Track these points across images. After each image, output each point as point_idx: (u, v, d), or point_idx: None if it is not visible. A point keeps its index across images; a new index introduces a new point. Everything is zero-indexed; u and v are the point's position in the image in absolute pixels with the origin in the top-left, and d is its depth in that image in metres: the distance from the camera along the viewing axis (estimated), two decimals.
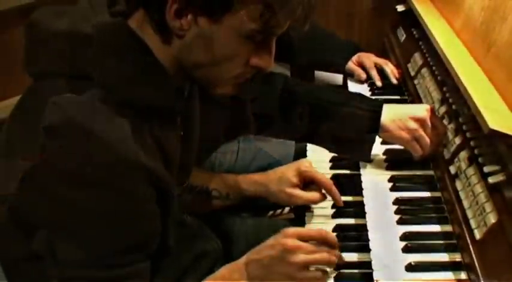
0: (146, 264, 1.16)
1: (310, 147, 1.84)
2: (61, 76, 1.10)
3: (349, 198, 1.62)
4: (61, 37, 1.10)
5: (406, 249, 1.36)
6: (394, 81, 2.17)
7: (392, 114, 1.61)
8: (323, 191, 1.58)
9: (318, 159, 1.79)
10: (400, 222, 1.45)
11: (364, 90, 2.14)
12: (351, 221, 1.56)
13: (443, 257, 1.35)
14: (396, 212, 1.48)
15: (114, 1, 1.20)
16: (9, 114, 1.18)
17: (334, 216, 1.58)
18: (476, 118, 1.35)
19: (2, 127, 1.20)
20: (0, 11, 2.28)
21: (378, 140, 1.67)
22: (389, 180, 1.61)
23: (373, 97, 2.00)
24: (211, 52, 1.12)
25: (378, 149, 1.71)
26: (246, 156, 2.00)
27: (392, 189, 1.58)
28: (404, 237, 1.39)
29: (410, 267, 1.31)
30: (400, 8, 2.37)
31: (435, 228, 1.44)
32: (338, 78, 2.34)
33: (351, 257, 1.41)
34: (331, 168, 1.77)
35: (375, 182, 1.61)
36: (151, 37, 1.13)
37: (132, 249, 1.12)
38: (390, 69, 2.19)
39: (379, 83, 2.17)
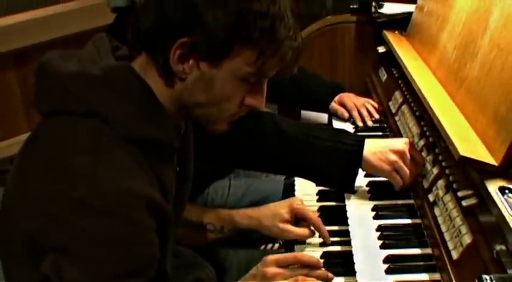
0: None
1: (298, 181, 1.92)
2: (70, 114, 1.18)
3: (335, 228, 1.71)
4: (70, 77, 1.19)
5: (389, 271, 1.44)
6: (370, 123, 2.26)
7: (373, 147, 1.70)
8: (312, 228, 1.67)
9: (306, 192, 1.88)
10: (382, 246, 1.53)
11: (348, 127, 2.23)
12: (337, 248, 1.65)
13: (423, 277, 1.43)
14: (379, 238, 1.56)
15: (118, 46, 1.31)
16: (18, 151, 1.25)
17: (321, 244, 1.66)
18: (449, 148, 1.45)
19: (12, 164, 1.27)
20: None
21: (361, 172, 1.75)
22: (373, 209, 1.69)
23: (357, 134, 2.10)
24: (211, 93, 1.23)
25: (361, 180, 1.80)
26: (238, 191, 2.08)
27: (375, 217, 1.66)
28: (387, 259, 1.47)
29: None
30: (381, 49, 2.48)
31: (416, 251, 1.52)
32: (323, 117, 2.44)
33: (338, 281, 1.49)
34: (318, 200, 1.85)
35: (359, 212, 1.69)
36: (154, 79, 1.24)
37: (135, 274, 1.18)
38: (366, 113, 2.29)
39: (360, 123, 2.27)
